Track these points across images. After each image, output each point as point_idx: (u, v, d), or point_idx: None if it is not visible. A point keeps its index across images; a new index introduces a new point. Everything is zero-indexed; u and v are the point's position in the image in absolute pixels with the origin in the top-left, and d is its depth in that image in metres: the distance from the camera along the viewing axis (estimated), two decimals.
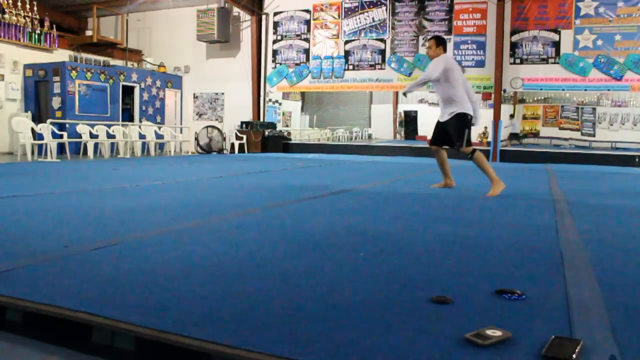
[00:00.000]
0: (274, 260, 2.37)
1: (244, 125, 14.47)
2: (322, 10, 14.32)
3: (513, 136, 19.03)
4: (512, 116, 19.88)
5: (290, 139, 15.90)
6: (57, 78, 12.60)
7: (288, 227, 3.30)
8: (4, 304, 1.73)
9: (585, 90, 13.27)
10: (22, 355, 1.55)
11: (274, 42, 14.89)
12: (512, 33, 12.44)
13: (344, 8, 14.05)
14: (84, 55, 13.85)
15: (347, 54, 14.04)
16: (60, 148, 11.15)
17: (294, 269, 2.23)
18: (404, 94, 6.43)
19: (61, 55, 13.45)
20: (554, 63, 12.13)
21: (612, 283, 2.08)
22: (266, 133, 14.54)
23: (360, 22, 13.92)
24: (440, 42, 5.68)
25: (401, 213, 4.08)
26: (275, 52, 14.87)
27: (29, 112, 12.69)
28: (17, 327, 1.69)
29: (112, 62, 14.67)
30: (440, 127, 5.61)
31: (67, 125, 11.83)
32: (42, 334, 1.64)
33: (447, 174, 5.85)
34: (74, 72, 12.70)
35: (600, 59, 11.73)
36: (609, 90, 13.68)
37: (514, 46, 12.45)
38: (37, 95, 12.98)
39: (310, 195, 4.97)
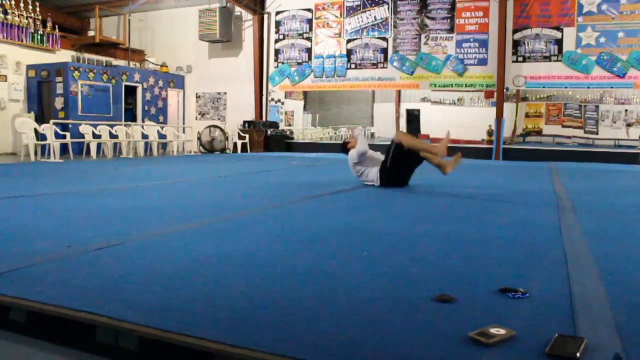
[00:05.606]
0: (276, 260, 2.37)
1: (246, 125, 14.47)
2: (324, 9, 14.31)
3: None
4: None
5: (293, 138, 15.90)
6: (59, 78, 12.62)
7: (290, 227, 3.30)
8: (8, 303, 1.74)
9: (588, 87, 13.25)
10: (26, 355, 1.55)
11: (276, 41, 14.89)
12: (515, 31, 12.41)
13: (346, 7, 14.04)
14: (87, 55, 13.87)
15: (349, 52, 14.03)
16: (63, 148, 11.17)
17: (297, 268, 2.23)
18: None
19: (64, 55, 13.47)
20: (557, 61, 12.10)
21: (616, 281, 2.07)
22: (269, 132, 14.54)
23: (362, 21, 13.90)
24: None
25: (403, 211, 4.07)
26: (277, 51, 14.87)
27: (32, 112, 12.72)
28: (21, 326, 1.70)
29: (115, 62, 14.69)
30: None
31: (70, 126, 11.85)
32: (46, 334, 1.64)
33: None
34: (76, 72, 12.72)
35: (603, 56, 11.70)
36: (612, 87, 13.63)
37: (516, 44, 12.42)
38: (40, 95, 13.01)
39: (312, 195, 4.96)
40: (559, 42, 12.09)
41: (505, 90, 12.90)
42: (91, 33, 15.69)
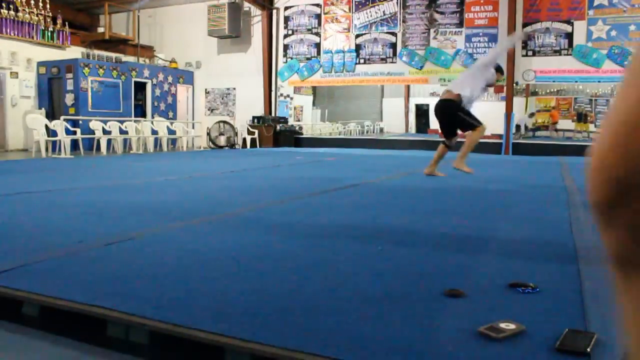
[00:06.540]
0: (287, 254, 2.38)
1: (255, 120, 14.49)
2: (332, 4, 14.26)
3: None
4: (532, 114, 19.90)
5: (302, 134, 15.90)
6: (70, 75, 12.69)
7: (301, 222, 3.31)
8: (21, 298, 1.76)
9: (599, 82, 13.11)
10: (38, 349, 1.57)
11: (285, 36, 14.87)
12: (525, 25, 12.31)
13: (355, 2, 13.99)
14: (96, 52, 13.93)
15: (358, 47, 13.99)
16: (74, 144, 11.23)
17: (307, 263, 2.24)
18: None
19: (74, 52, 13.54)
20: (567, 55, 12.00)
21: None
22: (278, 128, 14.55)
23: (371, 16, 13.85)
24: None
25: (413, 206, 4.07)
26: (286, 47, 14.85)
27: (43, 109, 12.80)
28: (33, 321, 1.71)
29: (124, 58, 14.74)
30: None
31: (80, 122, 11.92)
32: (58, 328, 1.66)
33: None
34: (86, 68, 12.79)
35: (614, 50, 11.58)
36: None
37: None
38: (51, 92, 13.09)
39: (322, 190, 4.97)
40: (570, 36, 11.97)
41: (514, 84, 12.81)
42: (101, 29, 15.74)
